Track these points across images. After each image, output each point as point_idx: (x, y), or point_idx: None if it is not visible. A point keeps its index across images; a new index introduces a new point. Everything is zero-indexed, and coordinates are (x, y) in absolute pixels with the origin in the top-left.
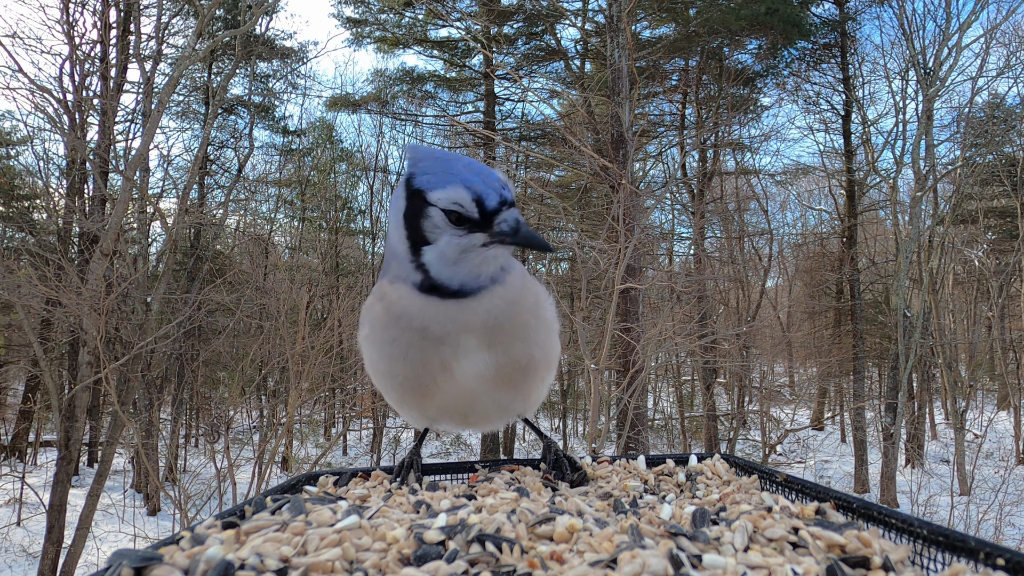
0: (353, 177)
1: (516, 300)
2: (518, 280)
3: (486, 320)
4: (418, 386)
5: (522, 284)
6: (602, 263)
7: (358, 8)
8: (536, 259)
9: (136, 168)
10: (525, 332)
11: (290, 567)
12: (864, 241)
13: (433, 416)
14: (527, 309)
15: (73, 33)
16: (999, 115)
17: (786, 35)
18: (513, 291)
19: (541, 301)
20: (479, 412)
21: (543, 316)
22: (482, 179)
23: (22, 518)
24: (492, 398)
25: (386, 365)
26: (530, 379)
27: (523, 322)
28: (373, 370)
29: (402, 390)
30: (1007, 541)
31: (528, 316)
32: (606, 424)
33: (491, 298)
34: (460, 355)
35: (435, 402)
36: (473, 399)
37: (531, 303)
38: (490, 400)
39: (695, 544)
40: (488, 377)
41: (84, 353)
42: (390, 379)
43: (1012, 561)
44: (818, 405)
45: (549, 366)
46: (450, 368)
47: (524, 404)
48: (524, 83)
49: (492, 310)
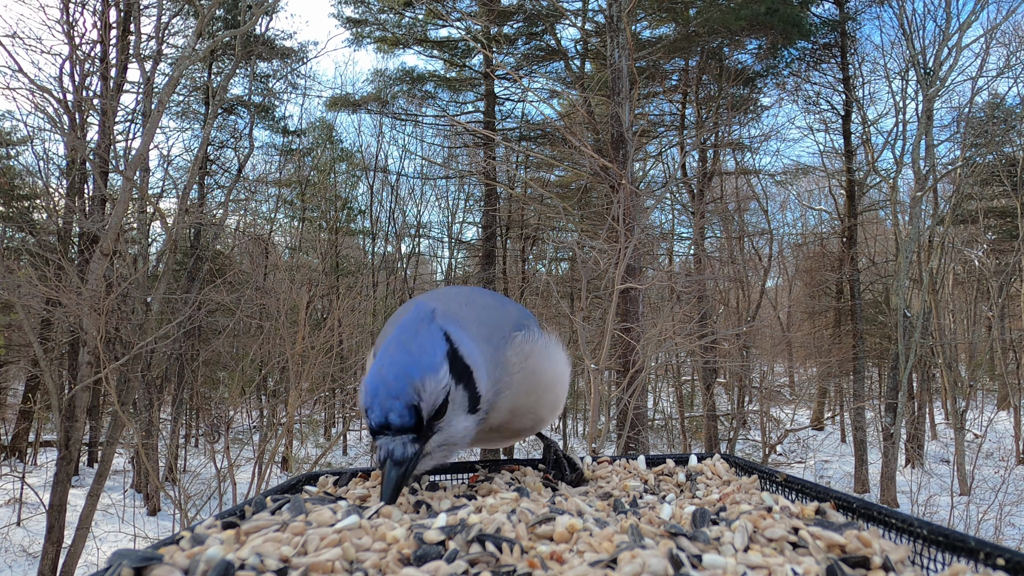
0: (353, 177)
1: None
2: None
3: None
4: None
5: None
6: (602, 263)
7: (358, 8)
8: (536, 259)
9: (136, 168)
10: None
11: (290, 567)
12: (864, 241)
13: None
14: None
15: (73, 33)
16: (999, 115)
17: (786, 35)
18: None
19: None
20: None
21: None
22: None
23: (22, 518)
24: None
25: None
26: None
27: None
28: None
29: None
30: (1007, 541)
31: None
32: (606, 424)
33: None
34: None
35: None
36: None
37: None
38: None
39: (695, 544)
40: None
41: (84, 353)
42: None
43: (1012, 561)
44: (818, 405)
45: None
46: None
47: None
48: (524, 83)
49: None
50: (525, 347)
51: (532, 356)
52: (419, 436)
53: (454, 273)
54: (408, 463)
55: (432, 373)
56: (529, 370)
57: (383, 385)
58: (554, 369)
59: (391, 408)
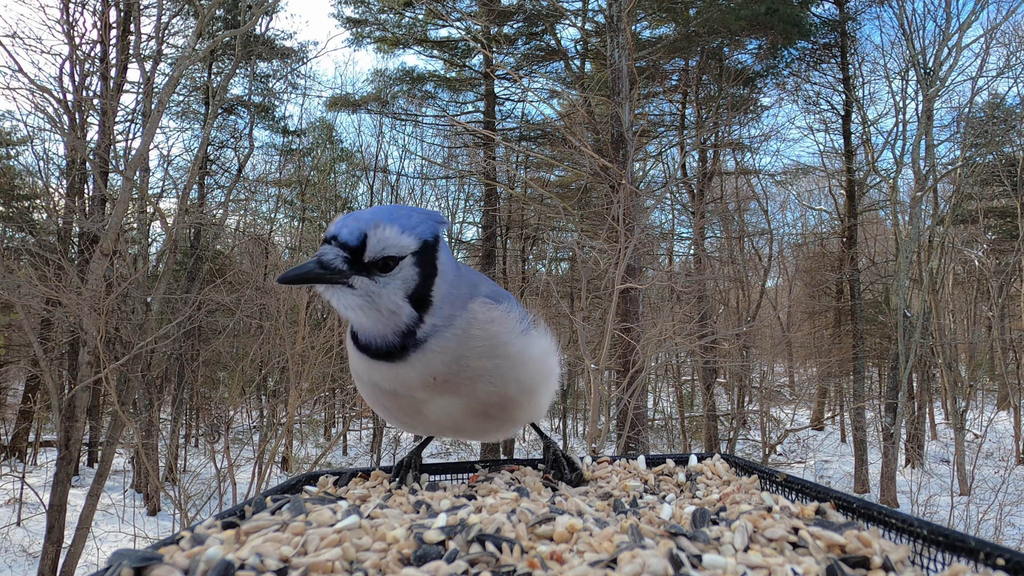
0: (353, 177)
1: (458, 355)
2: (456, 333)
3: (424, 380)
4: (400, 420)
5: (461, 337)
6: (602, 263)
7: (358, 8)
8: (536, 259)
9: (136, 168)
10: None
11: (290, 567)
12: (864, 241)
13: (432, 432)
14: (481, 356)
15: (73, 33)
16: (999, 115)
17: (786, 35)
18: (449, 347)
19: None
20: (471, 433)
21: (514, 355)
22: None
23: (22, 518)
24: (476, 425)
25: (369, 400)
26: (511, 408)
27: (478, 369)
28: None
29: (388, 417)
30: (1007, 541)
31: (485, 362)
32: (606, 424)
33: (423, 361)
34: (422, 401)
35: (424, 428)
36: (457, 427)
37: (486, 348)
38: (475, 427)
39: (695, 544)
40: (461, 413)
41: (84, 353)
42: (376, 408)
43: (1012, 561)
44: (818, 405)
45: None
46: (420, 411)
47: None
48: (524, 83)
49: (427, 372)
50: (493, 312)
51: (497, 322)
52: (354, 262)
53: None
54: (331, 272)
55: (397, 228)
56: (491, 333)
57: (356, 215)
58: (523, 346)
59: (347, 226)
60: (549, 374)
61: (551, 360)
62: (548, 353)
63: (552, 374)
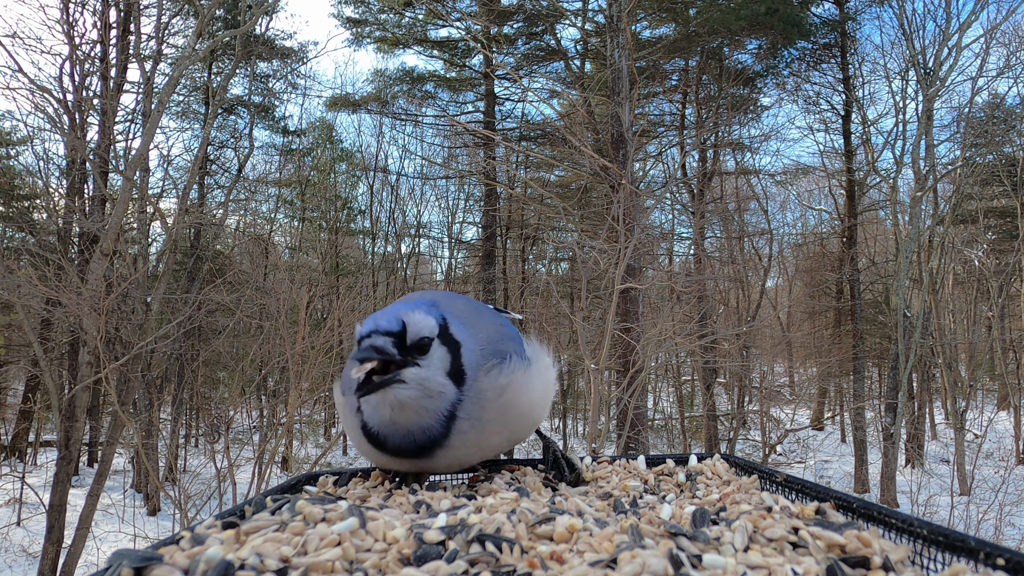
0: (353, 177)
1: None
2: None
3: (451, 462)
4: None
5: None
6: (602, 263)
7: (358, 8)
8: (536, 259)
9: (136, 168)
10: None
11: (290, 567)
12: (864, 241)
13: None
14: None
15: (73, 33)
16: (999, 115)
17: (786, 35)
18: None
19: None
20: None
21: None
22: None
23: (22, 518)
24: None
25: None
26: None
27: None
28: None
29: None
30: (1007, 541)
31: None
32: (606, 424)
33: (448, 453)
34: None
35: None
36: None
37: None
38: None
39: (695, 544)
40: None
41: (84, 353)
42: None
43: (1012, 561)
44: (818, 405)
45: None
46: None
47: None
48: (524, 83)
49: (456, 457)
50: (502, 380)
51: (509, 388)
52: (400, 345)
53: (454, 273)
54: (386, 355)
55: (422, 314)
56: (503, 405)
57: (375, 315)
58: (531, 399)
59: (382, 318)
60: (550, 393)
61: (550, 379)
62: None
63: (552, 390)
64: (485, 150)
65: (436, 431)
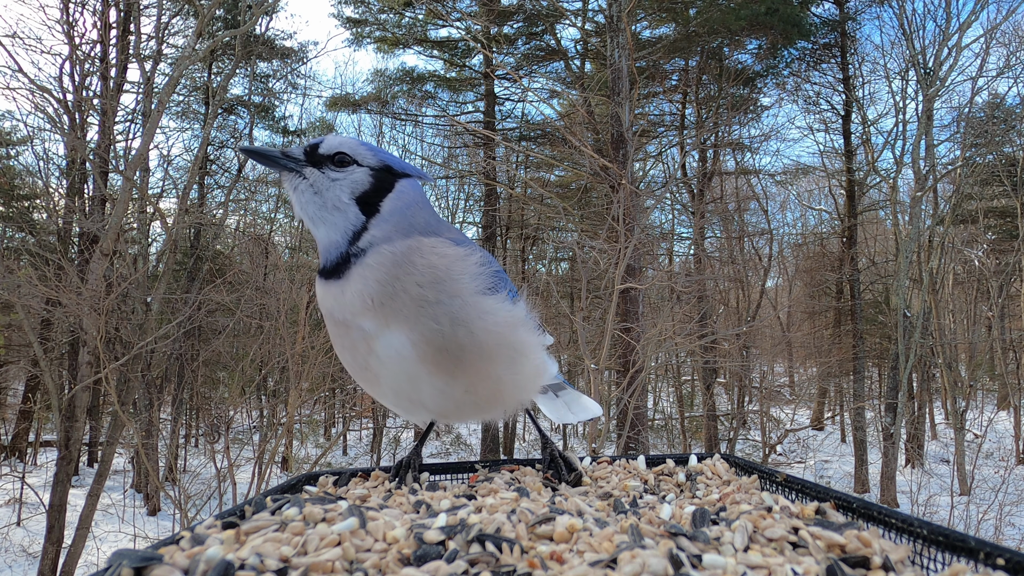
0: None
1: (393, 275)
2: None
3: (363, 301)
4: (360, 373)
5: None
6: (602, 263)
7: (358, 8)
8: (536, 259)
9: (136, 168)
10: (427, 311)
11: (290, 567)
12: (864, 241)
13: (406, 407)
14: (420, 284)
15: (73, 33)
16: (999, 115)
17: (786, 35)
18: (385, 264)
19: (455, 280)
20: (438, 403)
21: (465, 299)
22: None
23: (22, 518)
24: (433, 385)
25: (339, 353)
26: (470, 368)
27: (416, 298)
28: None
29: (356, 380)
30: (1007, 541)
31: (425, 293)
32: (606, 424)
33: (360, 276)
34: (371, 336)
35: (385, 389)
36: (414, 385)
37: (427, 279)
38: (433, 388)
39: (695, 544)
40: (411, 359)
41: (84, 353)
42: (342, 360)
43: (1012, 561)
44: (818, 405)
45: (493, 358)
46: (372, 349)
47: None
48: (524, 83)
49: (363, 290)
50: (446, 249)
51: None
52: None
53: None
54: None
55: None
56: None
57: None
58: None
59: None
60: (521, 348)
61: (524, 333)
62: (520, 325)
63: (526, 349)
64: (485, 150)
65: (340, 244)
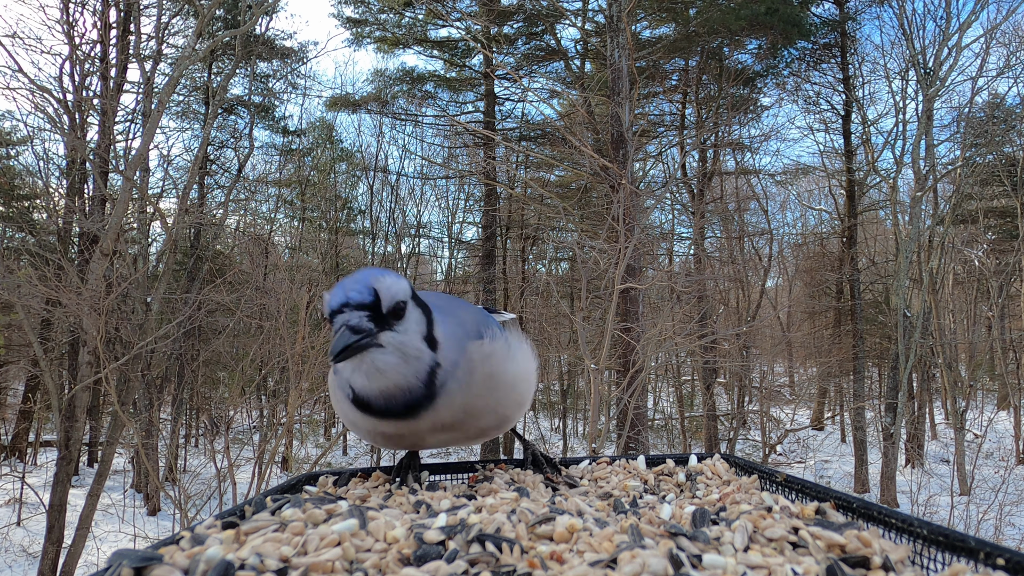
0: (353, 177)
1: (465, 402)
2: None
3: (434, 427)
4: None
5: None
6: (602, 263)
7: (358, 8)
8: (536, 259)
9: (136, 168)
10: (490, 411)
11: (290, 567)
12: (864, 241)
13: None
14: (484, 395)
15: (73, 33)
16: (999, 115)
17: (786, 35)
18: (457, 399)
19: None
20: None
21: (509, 381)
22: (345, 283)
23: (22, 518)
24: (471, 442)
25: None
26: (506, 424)
27: (483, 408)
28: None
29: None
30: (1007, 541)
31: (488, 400)
32: (606, 424)
33: (433, 415)
34: (427, 436)
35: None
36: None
37: (488, 388)
38: (466, 441)
39: (695, 544)
40: (462, 440)
41: (84, 353)
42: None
43: (1012, 561)
44: (818, 405)
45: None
46: (423, 443)
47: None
48: (524, 83)
49: (437, 422)
50: (486, 348)
51: (493, 357)
52: (376, 316)
53: (454, 273)
54: (362, 334)
55: (393, 277)
56: (489, 372)
57: (345, 281)
58: (515, 371)
59: (352, 289)
60: (532, 378)
61: (532, 364)
62: (529, 359)
63: (533, 376)
64: (485, 150)
65: (419, 391)
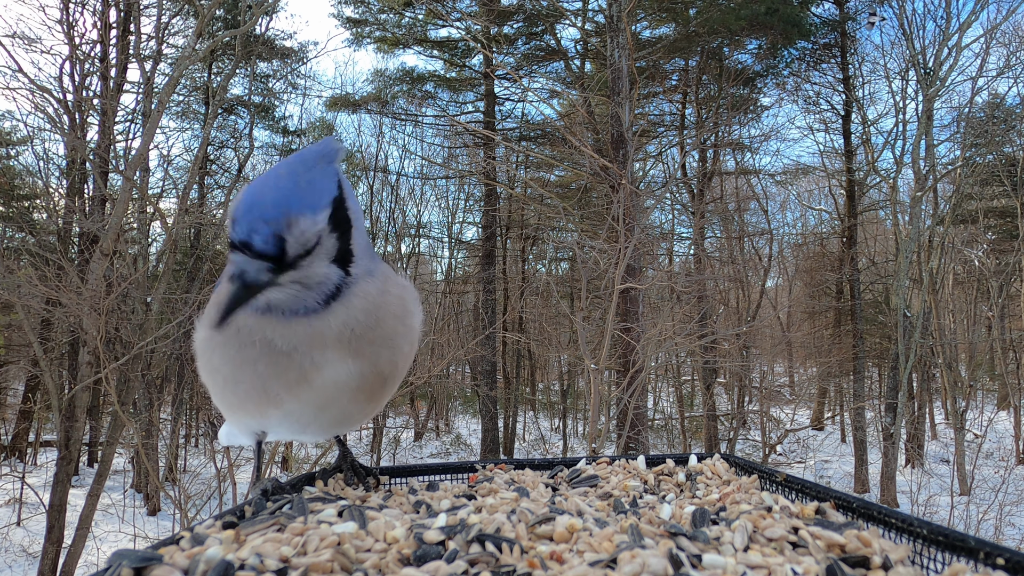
0: (353, 177)
1: (378, 307)
2: (377, 284)
3: (341, 333)
4: (266, 395)
5: (382, 289)
6: (602, 263)
7: (358, 8)
8: (536, 259)
9: (136, 168)
10: (392, 341)
11: (290, 567)
12: (864, 241)
13: (271, 424)
14: (392, 316)
15: (73, 33)
16: (999, 115)
17: (786, 35)
18: (371, 299)
19: (409, 307)
20: (323, 422)
21: (411, 324)
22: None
23: (22, 518)
24: (343, 408)
25: (230, 370)
26: (388, 388)
27: (389, 331)
28: (211, 373)
29: (246, 397)
30: (1007, 541)
31: (395, 323)
32: (606, 424)
33: (347, 310)
34: (319, 366)
35: (282, 410)
36: (324, 408)
37: (398, 310)
38: (339, 410)
39: (695, 544)
40: (349, 387)
41: (84, 353)
42: (233, 385)
43: (1012, 561)
44: (818, 405)
45: (403, 374)
46: (309, 379)
47: (370, 413)
48: (524, 83)
49: (349, 322)
50: (404, 280)
51: (407, 288)
52: (277, 267)
53: (454, 273)
54: (258, 288)
55: (311, 213)
56: (403, 298)
57: (259, 204)
58: (416, 322)
59: (257, 230)
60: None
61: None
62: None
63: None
64: (485, 150)
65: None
